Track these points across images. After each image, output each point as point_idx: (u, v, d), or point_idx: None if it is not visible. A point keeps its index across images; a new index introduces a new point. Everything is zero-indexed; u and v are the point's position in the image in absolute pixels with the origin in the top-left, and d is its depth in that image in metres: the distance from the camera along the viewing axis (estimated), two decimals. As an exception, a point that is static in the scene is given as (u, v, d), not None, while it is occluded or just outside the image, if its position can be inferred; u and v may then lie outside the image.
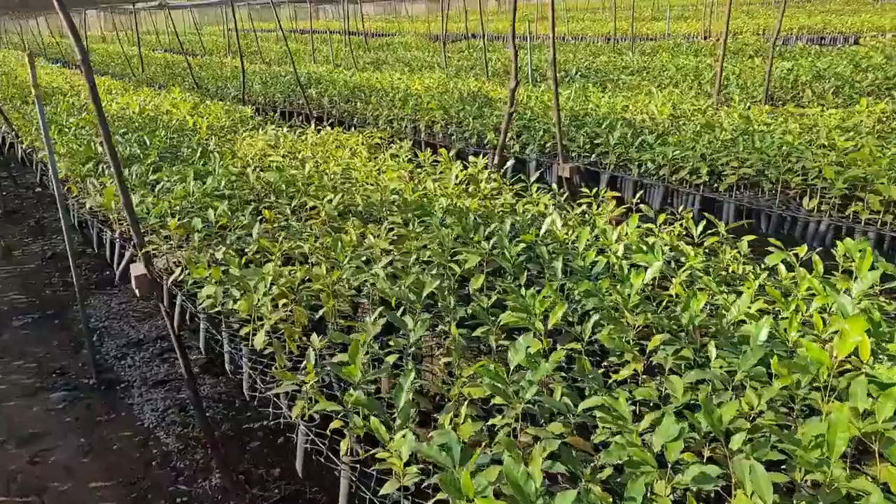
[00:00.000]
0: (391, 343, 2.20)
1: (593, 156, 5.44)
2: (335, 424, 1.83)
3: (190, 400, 4.45)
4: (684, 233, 2.92)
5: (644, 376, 1.86)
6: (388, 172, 4.44)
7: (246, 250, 3.26)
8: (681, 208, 3.49)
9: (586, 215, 3.33)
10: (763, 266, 2.47)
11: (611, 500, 1.45)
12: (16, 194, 9.34)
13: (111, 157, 2.95)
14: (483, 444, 1.67)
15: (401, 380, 1.77)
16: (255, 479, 3.76)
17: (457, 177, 4.04)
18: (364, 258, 2.98)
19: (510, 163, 4.38)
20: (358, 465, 1.79)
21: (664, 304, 2.21)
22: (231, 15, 23.22)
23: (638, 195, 3.78)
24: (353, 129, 8.16)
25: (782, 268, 2.37)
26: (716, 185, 4.57)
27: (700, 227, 2.86)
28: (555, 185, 3.83)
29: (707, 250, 2.78)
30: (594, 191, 3.53)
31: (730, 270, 2.53)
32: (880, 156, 4.10)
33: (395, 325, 2.39)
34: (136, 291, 3.35)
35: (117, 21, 25.90)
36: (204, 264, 2.93)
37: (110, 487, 3.72)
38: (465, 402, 1.73)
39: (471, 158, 4.60)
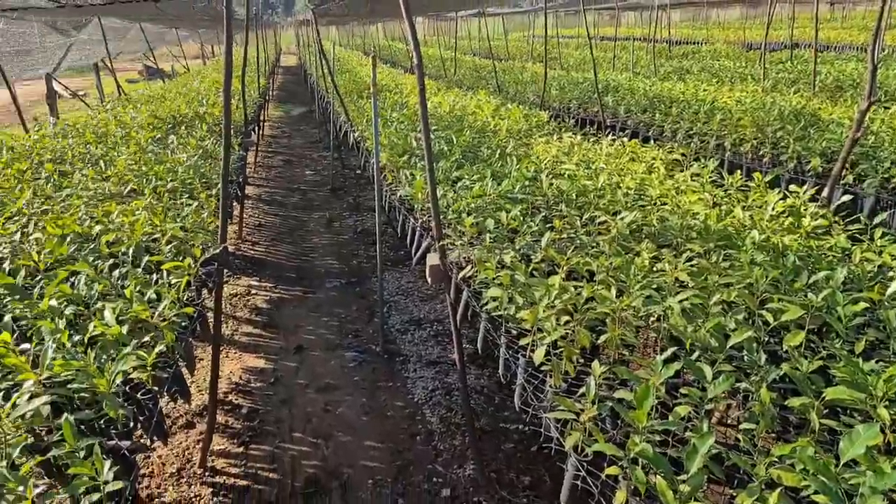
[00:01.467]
0: (682, 392, 1.97)
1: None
2: (612, 471, 1.69)
3: (458, 389, 4.69)
4: None
5: None
6: (689, 194, 4.10)
7: (532, 257, 3.26)
8: None
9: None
10: None
11: None
12: (342, 175, 10.94)
13: (427, 155, 3.18)
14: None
15: (695, 441, 1.56)
16: (505, 480, 3.80)
17: (773, 208, 3.54)
18: (655, 286, 2.76)
19: (843, 197, 3.69)
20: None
21: None
22: (534, 21, 24.12)
23: None
24: (648, 141, 7.81)
25: None
26: None
27: None
28: (907, 233, 3.11)
29: None
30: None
31: None
32: None
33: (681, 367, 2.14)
34: (429, 280, 3.58)
35: (438, 26, 28.79)
36: (493, 266, 3.00)
37: (380, 450, 4.09)
38: (777, 491, 1.45)
39: (791, 187, 4.01)
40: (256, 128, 10.95)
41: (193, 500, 3.66)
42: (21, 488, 1.59)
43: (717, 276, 2.70)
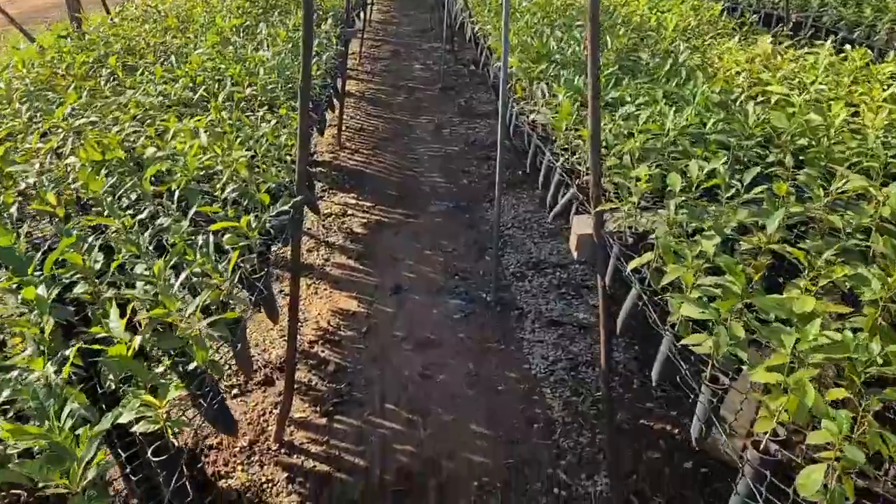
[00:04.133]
0: None
1: None
2: None
3: (584, 363, 3.76)
4: None
5: None
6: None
7: (736, 243, 2.16)
8: None
9: None
10: None
11: None
12: (453, 71, 9.71)
13: (591, 70, 2.06)
14: None
15: None
16: (649, 509, 2.93)
17: None
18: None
19: None
20: None
21: None
22: None
23: None
24: (852, 44, 6.03)
25: None
26: None
27: None
28: None
29: None
30: None
31: None
32: None
33: None
34: (574, 253, 2.57)
35: None
36: (690, 262, 1.92)
37: (488, 439, 3.30)
38: None
39: None
40: (362, 13, 9.81)
41: (265, 486, 3.05)
42: None
43: None
